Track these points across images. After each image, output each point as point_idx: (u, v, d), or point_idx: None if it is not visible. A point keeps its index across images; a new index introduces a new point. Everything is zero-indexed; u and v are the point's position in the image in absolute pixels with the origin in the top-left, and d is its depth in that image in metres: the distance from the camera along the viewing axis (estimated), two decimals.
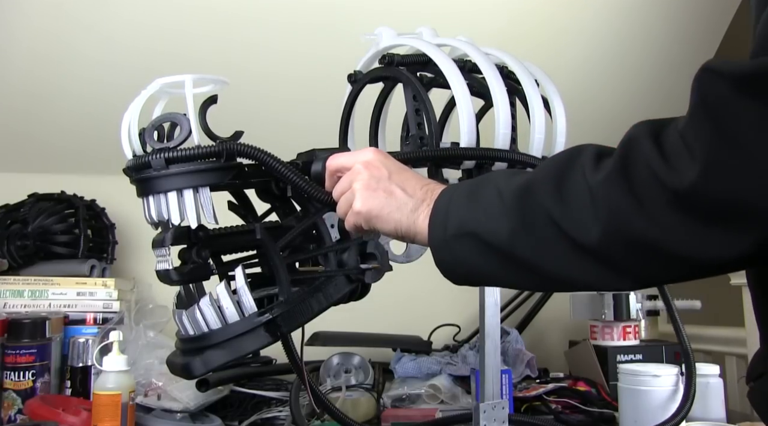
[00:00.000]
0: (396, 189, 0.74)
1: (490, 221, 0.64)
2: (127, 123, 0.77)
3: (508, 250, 0.63)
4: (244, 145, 0.77)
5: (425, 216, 0.71)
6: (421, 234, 0.72)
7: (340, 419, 1.07)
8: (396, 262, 0.90)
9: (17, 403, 1.20)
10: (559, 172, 0.61)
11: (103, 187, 1.61)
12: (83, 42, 1.52)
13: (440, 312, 1.72)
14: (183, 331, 0.80)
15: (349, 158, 0.79)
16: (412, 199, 0.73)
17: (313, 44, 1.57)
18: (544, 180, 0.62)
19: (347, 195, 0.77)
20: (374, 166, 0.75)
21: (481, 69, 0.97)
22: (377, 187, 0.74)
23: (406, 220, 0.72)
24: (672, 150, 0.52)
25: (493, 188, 0.66)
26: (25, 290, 1.39)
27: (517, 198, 0.63)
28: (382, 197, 0.74)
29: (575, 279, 0.61)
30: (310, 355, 1.17)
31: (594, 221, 0.56)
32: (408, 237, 0.74)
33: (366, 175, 0.75)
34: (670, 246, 0.53)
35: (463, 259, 0.67)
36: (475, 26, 1.55)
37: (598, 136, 0.67)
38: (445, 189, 0.72)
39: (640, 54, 1.84)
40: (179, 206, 0.75)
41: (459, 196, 0.69)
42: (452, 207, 0.69)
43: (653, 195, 0.53)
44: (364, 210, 0.74)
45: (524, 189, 0.63)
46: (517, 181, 0.64)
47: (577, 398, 1.41)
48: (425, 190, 0.74)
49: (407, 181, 0.75)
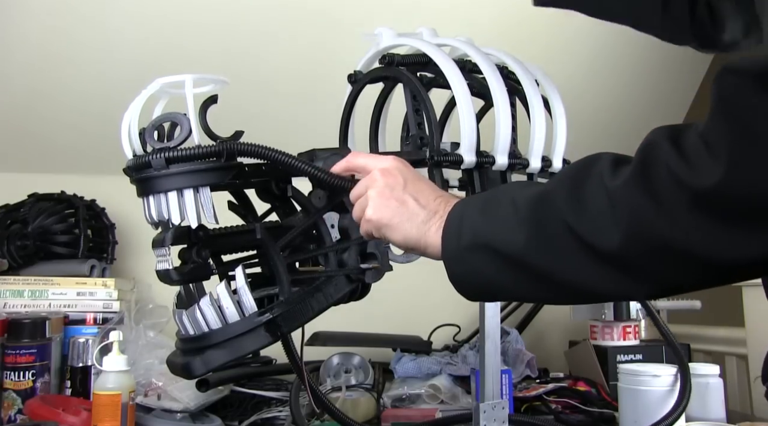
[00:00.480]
0: (409, 199, 0.73)
1: (505, 232, 0.63)
2: (128, 123, 0.77)
3: (524, 260, 0.62)
4: (247, 144, 0.77)
5: (437, 228, 0.70)
6: (433, 246, 0.71)
7: (340, 419, 1.07)
8: (396, 262, 0.90)
9: (17, 403, 1.20)
10: (575, 180, 0.60)
11: (103, 187, 1.61)
12: (85, 38, 1.52)
13: (440, 312, 1.72)
14: (183, 331, 0.80)
15: (370, 161, 0.78)
16: (425, 210, 0.72)
17: (313, 44, 1.57)
18: (560, 188, 0.61)
19: (362, 201, 0.76)
20: (391, 174, 0.75)
21: (482, 69, 0.97)
22: (390, 195, 0.73)
23: (417, 231, 0.72)
24: (692, 151, 0.52)
25: (508, 199, 0.65)
26: (25, 290, 1.39)
27: (532, 207, 0.62)
28: (394, 206, 0.73)
29: (592, 288, 0.60)
30: (310, 355, 1.17)
31: (613, 226, 0.56)
32: (418, 248, 0.73)
33: (381, 183, 0.74)
34: (692, 248, 0.52)
35: (477, 271, 0.66)
36: (475, 25, 1.55)
37: (598, 136, 0.67)
38: (458, 201, 0.72)
39: (640, 54, 1.84)
40: (179, 206, 0.75)
41: (473, 208, 0.68)
42: (466, 219, 0.68)
43: (675, 197, 0.52)
44: (375, 218, 0.74)
45: (539, 198, 0.62)
46: (531, 191, 0.64)
47: (577, 398, 1.41)
48: (439, 201, 0.73)
49: (421, 191, 0.74)
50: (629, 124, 1.97)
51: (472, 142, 0.93)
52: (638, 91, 1.92)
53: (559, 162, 1.03)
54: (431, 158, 0.93)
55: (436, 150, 0.93)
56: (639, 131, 1.99)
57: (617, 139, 2.01)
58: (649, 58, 1.86)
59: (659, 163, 0.53)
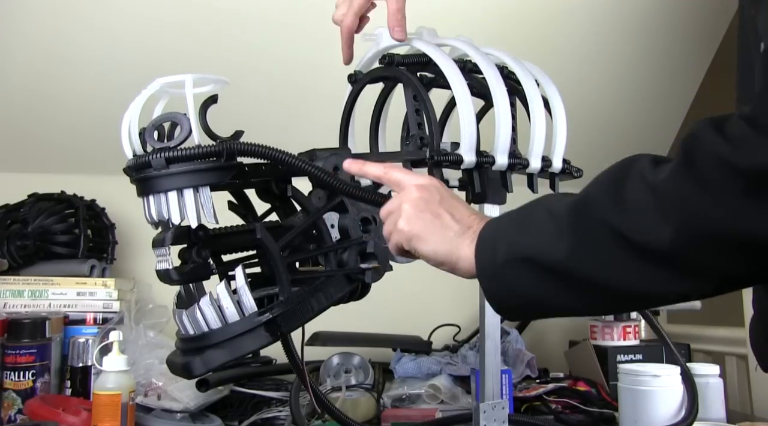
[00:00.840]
0: (444, 213, 0.72)
1: (545, 242, 0.61)
2: (128, 122, 0.77)
3: (569, 270, 0.59)
4: (247, 143, 0.77)
5: (470, 242, 0.68)
6: (465, 260, 0.69)
7: (340, 419, 1.07)
8: (396, 262, 0.90)
9: (17, 403, 1.20)
10: (614, 181, 0.58)
11: (103, 187, 1.61)
12: (85, 39, 1.52)
13: (440, 312, 1.72)
14: (183, 331, 0.80)
15: (406, 177, 0.77)
16: (458, 224, 0.71)
17: (313, 44, 1.57)
18: (599, 191, 0.59)
19: (394, 214, 0.75)
20: (427, 190, 0.74)
21: (482, 69, 0.97)
22: (425, 208, 0.73)
23: (449, 245, 0.70)
24: (739, 134, 0.50)
25: (543, 210, 0.63)
26: (25, 290, 1.39)
27: (571, 214, 0.60)
28: (428, 219, 0.72)
29: (648, 291, 0.57)
30: (310, 355, 1.17)
31: (663, 223, 0.53)
32: (449, 262, 0.71)
33: (416, 197, 0.74)
34: (752, 233, 0.50)
35: (517, 287, 0.63)
36: (475, 25, 1.55)
37: (598, 135, 0.67)
38: (491, 218, 0.71)
39: (640, 54, 1.84)
40: (179, 206, 0.75)
41: (507, 222, 0.66)
42: (500, 232, 0.66)
43: (727, 182, 0.50)
44: (407, 229, 0.73)
45: (578, 204, 0.60)
46: (568, 199, 0.62)
47: (577, 398, 1.41)
48: (474, 218, 0.72)
49: (456, 208, 0.73)
50: (629, 123, 1.97)
51: (472, 142, 0.93)
52: (638, 91, 1.92)
53: (559, 162, 1.03)
54: (431, 158, 0.93)
55: (436, 150, 0.93)
56: (639, 131, 2.01)
57: (617, 139, 2.01)
58: (649, 58, 1.86)
59: (705, 150, 0.51)
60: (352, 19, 0.97)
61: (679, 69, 1.92)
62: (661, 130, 2.03)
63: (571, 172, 1.06)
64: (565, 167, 1.04)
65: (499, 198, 1.00)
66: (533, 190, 1.01)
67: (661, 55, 1.86)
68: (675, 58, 1.88)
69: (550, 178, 1.04)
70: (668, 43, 1.84)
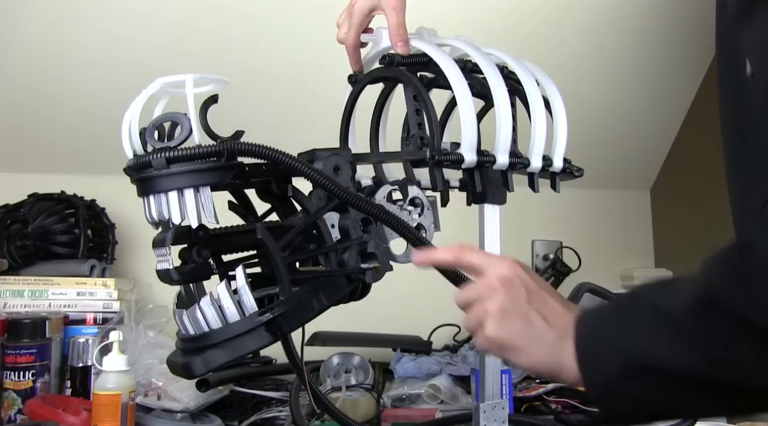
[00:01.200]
0: (535, 316, 0.65)
1: (668, 349, 0.55)
2: (128, 122, 0.77)
3: (704, 377, 0.54)
4: (248, 143, 0.77)
5: (570, 347, 0.62)
6: (569, 371, 0.63)
7: (340, 419, 1.07)
8: (396, 262, 0.90)
9: (17, 403, 1.20)
10: (733, 271, 0.53)
11: (103, 187, 1.61)
12: (85, 38, 1.52)
13: (440, 312, 1.72)
14: (183, 331, 0.80)
15: (485, 262, 0.70)
16: (553, 330, 0.64)
17: (313, 43, 1.57)
18: (722, 286, 0.53)
19: (478, 312, 0.68)
20: (512, 285, 0.67)
21: (482, 69, 0.97)
22: (514, 312, 0.65)
23: (548, 357, 0.64)
24: None
25: (650, 310, 0.58)
26: (25, 290, 1.39)
27: (696, 315, 0.54)
28: (519, 325, 0.65)
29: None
30: (310, 355, 1.17)
31: None
32: (551, 374, 0.65)
33: (502, 297, 0.66)
34: None
35: (641, 399, 0.58)
36: (475, 25, 1.55)
37: (598, 135, 0.67)
38: (578, 318, 0.64)
39: (640, 54, 1.84)
40: (180, 206, 0.75)
41: (605, 325, 0.61)
42: (603, 339, 0.60)
43: None
44: (498, 339, 0.66)
45: (701, 303, 0.54)
46: (684, 296, 0.56)
47: (577, 398, 1.41)
48: (566, 315, 0.65)
49: (546, 305, 0.66)
50: (629, 123, 1.97)
51: (473, 142, 0.93)
52: (638, 91, 1.92)
53: (559, 161, 1.03)
54: (432, 158, 0.93)
55: (436, 150, 0.93)
56: (639, 131, 2.01)
57: (617, 139, 2.01)
58: (649, 58, 1.86)
59: None
60: (354, 36, 1.00)
61: (679, 69, 1.92)
62: (661, 130, 2.04)
63: (572, 172, 1.05)
64: (566, 166, 1.04)
65: (499, 198, 1.00)
66: (534, 190, 1.01)
67: (661, 55, 1.86)
68: (675, 58, 1.88)
69: (551, 178, 1.04)
70: (668, 43, 1.84)
